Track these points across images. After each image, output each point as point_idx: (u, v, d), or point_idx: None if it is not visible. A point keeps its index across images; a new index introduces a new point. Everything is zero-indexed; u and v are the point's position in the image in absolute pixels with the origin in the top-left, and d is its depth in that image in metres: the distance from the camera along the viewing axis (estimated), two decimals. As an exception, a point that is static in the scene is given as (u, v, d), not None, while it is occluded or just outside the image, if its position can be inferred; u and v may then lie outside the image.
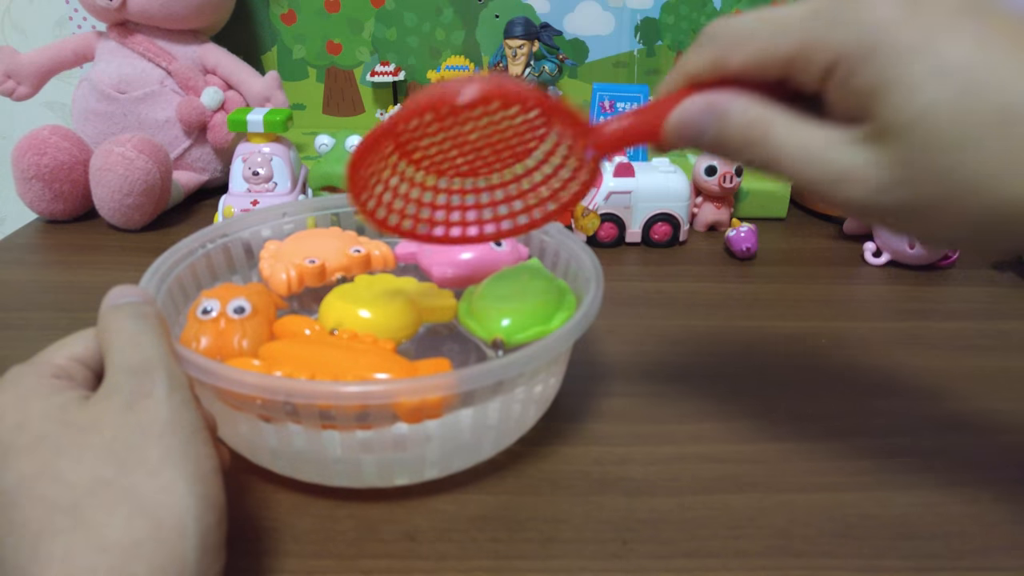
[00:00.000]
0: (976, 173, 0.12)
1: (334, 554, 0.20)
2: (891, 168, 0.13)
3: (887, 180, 0.13)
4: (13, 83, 0.45)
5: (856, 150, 0.13)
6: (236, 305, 0.22)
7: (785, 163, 0.14)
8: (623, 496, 0.22)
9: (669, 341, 0.31)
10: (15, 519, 0.14)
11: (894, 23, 0.12)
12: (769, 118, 0.14)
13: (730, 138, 0.15)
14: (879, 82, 0.13)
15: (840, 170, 0.13)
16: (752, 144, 0.15)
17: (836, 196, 0.14)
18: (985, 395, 0.27)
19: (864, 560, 0.20)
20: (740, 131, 0.15)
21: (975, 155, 0.12)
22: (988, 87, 0.12)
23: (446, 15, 0.52)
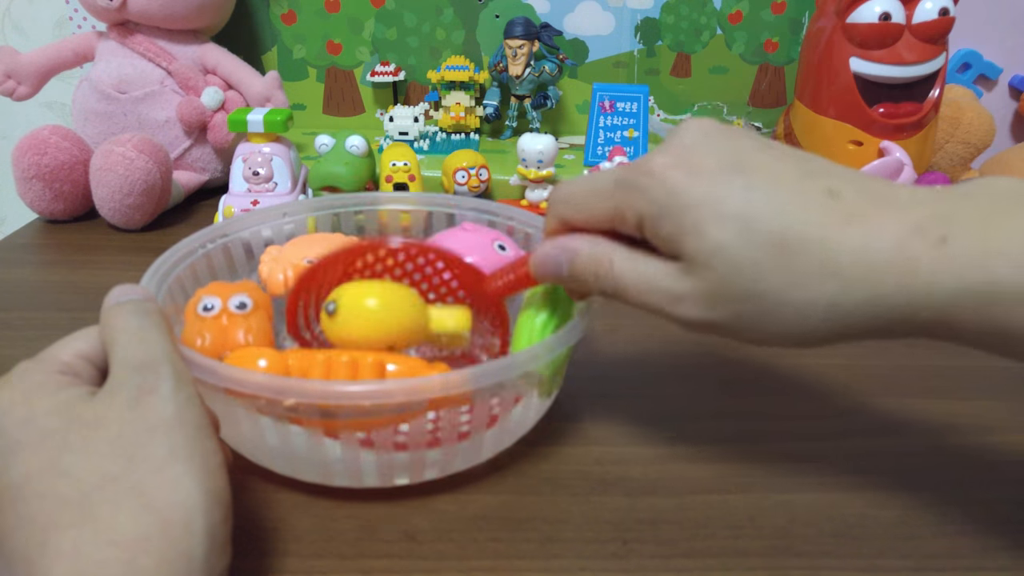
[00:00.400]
0: (773, 289, 0.15)
1: (334, 554, 0.20)
2: (710, 292, 0.16)
3: (706, 299, 0.16)
4: (13, 83, 0.45)
5: (682, 278, 0.17)
6: (238, 301, 0.22)
7: (630, 291, 0.18)
8: (623, 496, 0.22)
9: (669, 341, 0.31)
10: (22, 514, 0.14)
11: (678, 186, 0.16)
12: (610, 253, 0.18)
13: (581, 271, 0.18)
14: (677, 232, 0.16)
15: (673, 295, 0.17)
16: (600, 276, 0.18)
17: (674, 316, 0.17)
18: (985, 395, 0.27)
19: (864, 560, 0.20)
20: (588, 264, 0.18)
21: (766, 276, 0.15)
22: (759, 222, 0.15)
23: (446, 15, 0.52)
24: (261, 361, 0.20)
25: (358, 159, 0.41)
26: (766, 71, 0.55)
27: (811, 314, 0.15)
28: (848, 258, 0.15)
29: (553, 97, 0.51)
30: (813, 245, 0.15)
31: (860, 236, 0.15)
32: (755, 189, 0.15)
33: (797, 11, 0.53)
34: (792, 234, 0.15)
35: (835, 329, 0.15)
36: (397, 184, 0.40)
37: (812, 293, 0.15)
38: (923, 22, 0.40)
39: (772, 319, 0.16)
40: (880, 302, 0.15)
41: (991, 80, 0.54)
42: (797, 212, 0.15)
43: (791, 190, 0.15)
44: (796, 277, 0.15)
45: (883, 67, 0.41)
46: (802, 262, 0.15)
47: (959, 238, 0.14)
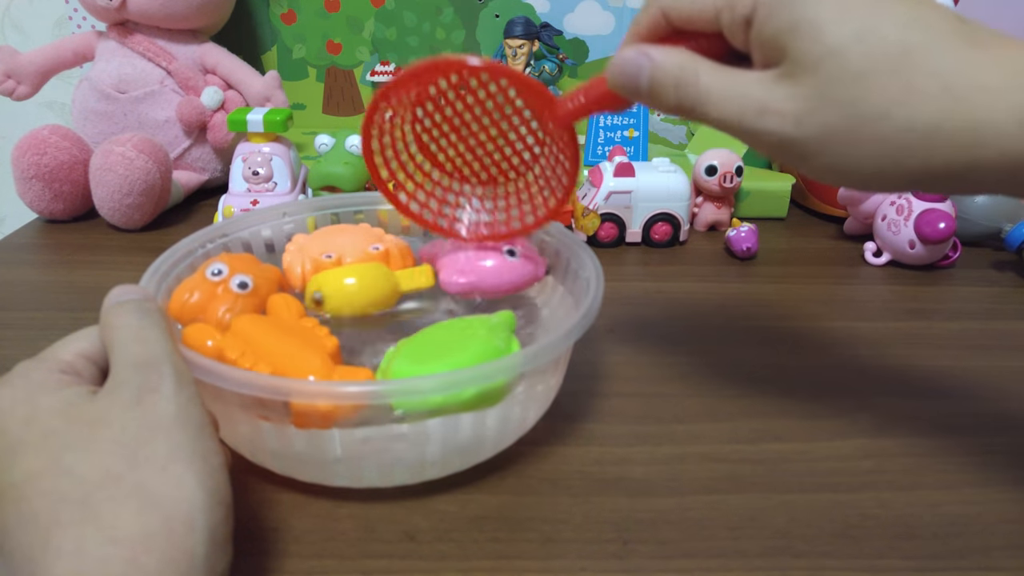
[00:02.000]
0: (877, 104, 0.14)
1: (334, 554, 0.20)
2: (805, 100, 0.15)
3: (802, 110, 0.15)
4: (13, 83, 0.45)
5: (775, 86, 0.15)
6: (240, 280, 0.23)
7: (712, 101, 0.16)
8: (623, 496, 0.22)
9: (669, 341, 0.31)
10: (24, 512, 0.14)
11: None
12: (697, 61, 0.17)
13: (663, 79, 0.17)
14: (789, 26, 0.15)
15: (760, 103, 0.15)
16: (683, 85, 0.16)
17: (758, 129, 0.15)
18: (985, 395, 0.27)
19: (865, 560, 0.20)
20: (672, 73, 0.17)
21: (875, 88, 0.14)
22: (884, 29, 0.14)
23: (446, 15, 0.52)
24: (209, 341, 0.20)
25: (358, 159, 0.41)
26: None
27: (908, 138, 0.14)
28: (965, 80, 0.14)
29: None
30: (933, 61, 0.14)
31: (982, 60, 0.14)
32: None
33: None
34: (914, 46, 0.14)
35: (923, 161, 0.14)
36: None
37: (918, 111, 0.14)
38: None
39: (864, 140, 0.14)
40: (984, 129, 0.14)
41: (992, 80, 0.53)
42: (924, 25, 0.14)
43: (922, 2, 0.14)
44: (906, 92, 0.14)
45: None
46: (917, 77, 0.14)
47: None
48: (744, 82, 0.16)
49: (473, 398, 0.19)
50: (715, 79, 0.16)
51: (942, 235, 0.35)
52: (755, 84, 0.16)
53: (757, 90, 0.15)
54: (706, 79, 0.16)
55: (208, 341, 0.20)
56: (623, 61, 0.17)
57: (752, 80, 0.16)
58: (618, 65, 0.18)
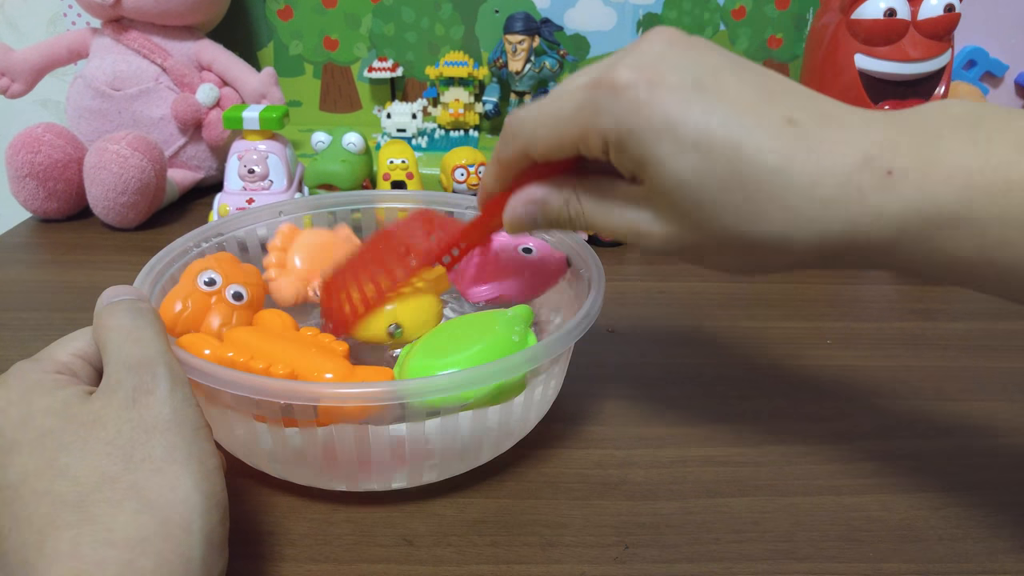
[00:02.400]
0: (728, 224, 0.16)
1: (331, 558, 0.19)
2: (667, 225, 0.17)
3: (668, 233, 0.17)
4: (7, 80, 0.45)
5: (642, 211, 0.17)
6: (235, 291, 0.22)
7: (599, 224, 0.18)
8: (625, 499, 0.22)
9: (671, 342, 0.30)
10: (19, 514, 0.14)
11: (643, 105, 0.15)
12: (577, 196, 0.18)
13: (556, 218, 0.19)
14: (640, 157, 0.16)
15: (634, 228, 0.17)
16: (574, 218, 0.19)
17: (641, 244, 0.17)
18: (991, 397, 0.27)
19: (869, 564, 0.20)
20: (561, 211, 0.19)
21: (722, 211, 0.16)
22: (716, 152, 0.15)
23: (445, 10, 0.52)
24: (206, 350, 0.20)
25: (355, 157, 0.40)
26: (770, 67, 0.54)
27: (765, 245, 0.16)
28: (800, 194, 0.15)
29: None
30: (767, 179, 0.15)
31: (812, 170, 0.15)
32: (714, 113, 0.15)
33: (801, 7, 0.52)
34: (747, 167, 0.15)
35: (788, 260, 0.16)
36: (395, 182, 0.40)
37: (766, 227, 0.15)
38: (928, 18, 0.39)
39: (731, 250, 0.16)
40: (829, 234, 0.15)
41: (997, 77, 0.53)
42: (754, 141, 0.15)
43: (750, 115, 0.15)
44: (752, 212, 0.15)
45: (888, 64, 0.40)
46: (757, 197, 0.15)
47: (906, 167, 0.15)
48: (619, 206, 0.18)
49: (482, 398, 0.19)
50: (595, 208, 0.18)
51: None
52: (628, 208, 0.17)
53: (630, 215, 0.17)
54: (588, 208, 0.18)
55: (205, 350, 0.20)
56: (515, 215, 0.19)
57: (626, 201, 0.17)
58: (511, 218, 0.19)
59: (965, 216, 0.14)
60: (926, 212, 0.15)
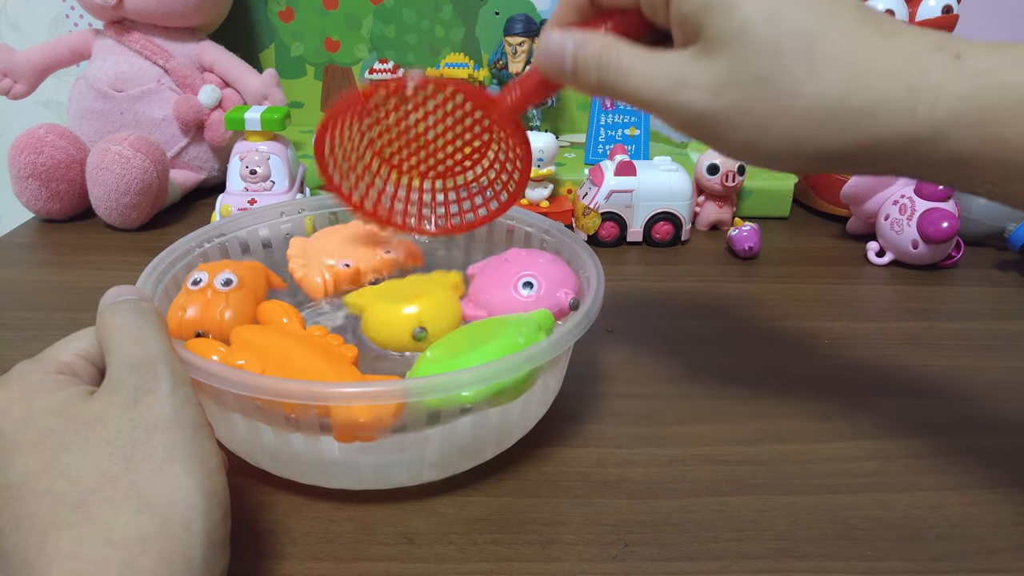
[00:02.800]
0: (784, 80, 0.15)
1: (332, 556, 0.19)
2: (719, 74, 0.16)
3: (717, 83, 0.16)
4: (9, 81, 0.45)
5: (692, 62, 0.16)
6: (224, 278, 0.23)
7: (633, 77, 0.17)
8: (624, 498, 0.22)
9: (670, 341, 0.30)
10: (20, 513, 0.14)
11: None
12: (619, 42, 0.18)
13: (586, 58, 0.18)
14: (704, 4, 0.16)
15: (678, 77, 0.16)
16: (605, 64, 0.17)
17: (676, 102, 0.16)
18: (989, 395, 0.27)
19: (867, 562, 0.20)
20: (594, 52, 0.18)
21: (782, 65, 0.15)
22: (788, 12, 0.15)
23: (445, 12, 0.52)
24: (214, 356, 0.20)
25: (357, 157, 0.41)
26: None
27: (814, 114, 0.15)
28: (869, 61, 0.15)
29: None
30: (838, 42, 0.15)
31: (884, 42, 0.15)
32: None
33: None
34: (818, 28, 0.15)
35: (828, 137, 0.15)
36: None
37: (826, 87, 0.15)
38: (926, 19, 0.40)
39: (774, 115, 0.15)
40: (885, 107, 0.15)
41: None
42: (828, 13, 0.15)
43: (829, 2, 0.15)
44: (810, 72, 0.15)
45: (886, 64, 0.40)
46: (820, 59, 0.15)
47: (973, 55, 0.15)
48: (663, 59, 0.17)
49: (481, 400, 0.19)
50: (635, 57, 0.17)
51: (945, 235, 0.35)
52: (674, 61, 0.17)
53: (675, 66, 0.16)
54: (627, 57, 0.17)
55: (213, 356, 0.20)
56: (548, 44, 0.18)
57: (671, 58, 0.17)
58: (544, 48, 0.18)
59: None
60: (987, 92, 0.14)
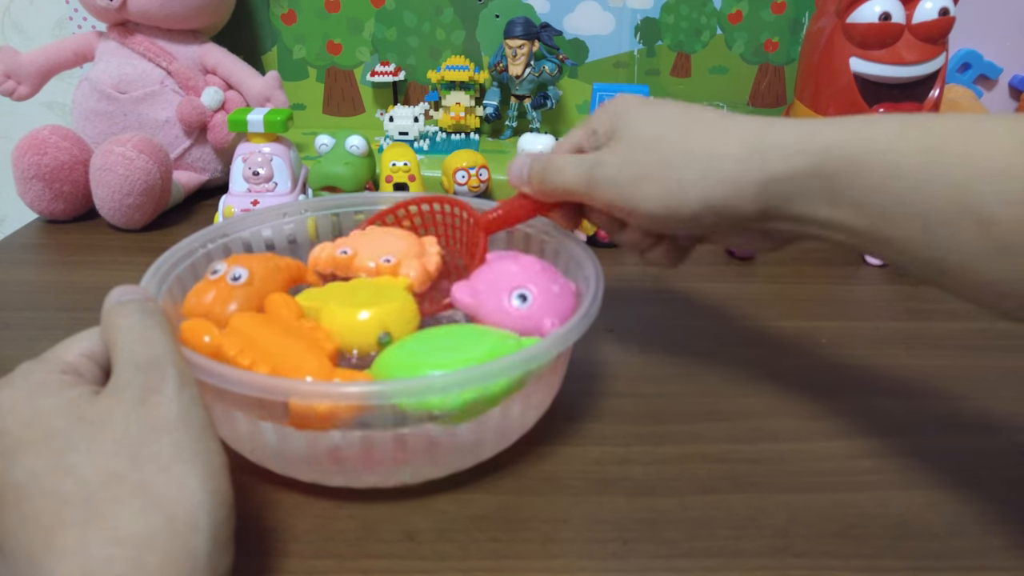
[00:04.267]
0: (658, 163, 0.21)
1: (334, 554, 0.20)
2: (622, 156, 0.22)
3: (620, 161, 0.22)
4: (13, 83, 0.45)
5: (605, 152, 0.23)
6: (235, 273, 0.24)
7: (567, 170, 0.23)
8: (623, 496, 0.22)
9: (669, 341, 0.31)
10: (27, 513, 0.15)
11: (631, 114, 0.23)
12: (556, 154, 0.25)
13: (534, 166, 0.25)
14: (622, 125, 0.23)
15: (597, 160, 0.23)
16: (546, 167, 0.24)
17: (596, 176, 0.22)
18: (985, 395, 0.27)
19: (864, 560, 0.20)
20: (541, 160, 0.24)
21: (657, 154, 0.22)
22: (661, 127, 0.22)
23: (446, 15, 0.52)
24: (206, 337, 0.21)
25: (358, 159, 0.41)
26: (766, 71, 0.55)
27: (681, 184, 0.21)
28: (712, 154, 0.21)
29: (553, 97, 0.51)
30: (690, 144, 0.21)
31: (726, 140, 0.21)
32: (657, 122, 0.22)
33: (797, 11, 0.53)
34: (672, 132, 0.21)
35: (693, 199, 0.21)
36: (397, 184, 0.40)
37: (684, 172, 0.21)
38: (923, 22, 0.40)
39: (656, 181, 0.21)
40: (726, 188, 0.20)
41: (991, 80, 0.54)
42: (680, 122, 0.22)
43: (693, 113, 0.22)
44: (678, 159, 0.21)
45: (883, 67, 0.41)
46: (678, 155, 0.21)
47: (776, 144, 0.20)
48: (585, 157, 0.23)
49: (473, 399, 0.19)
50: (565, 158, 0.24)
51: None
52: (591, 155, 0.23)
53: (594, 156, 0.23)
54: (560, 159, 0.24)
55: (205, 337, 0.20)
56: (513, 163, 0.25)
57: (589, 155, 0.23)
58: (511, 167, 0.26)
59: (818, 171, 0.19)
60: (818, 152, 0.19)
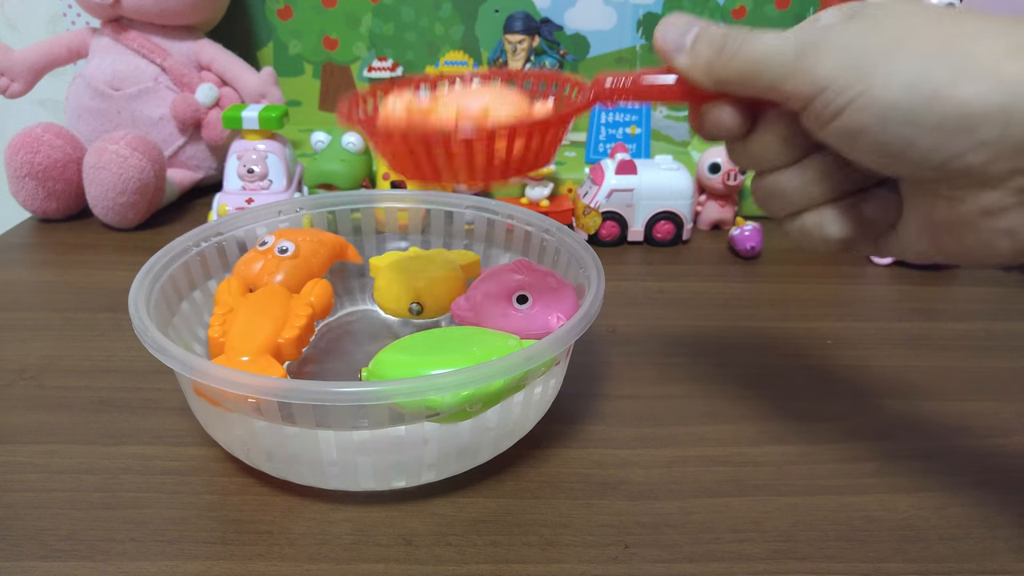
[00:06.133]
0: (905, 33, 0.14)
1: (330, 558, 0.19)
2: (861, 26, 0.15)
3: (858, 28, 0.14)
4: (6, 80, 0.45)
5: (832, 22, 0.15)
6: (281, 245, 0.27)
7: (753, 51, 0.16)
8: (624, 499, 0.21)
9: (671, 342, 0.30)
10: None
11: None
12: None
13: (709, 37, 0.17)
14: None
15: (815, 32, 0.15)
16: (727, 34, 0.16)
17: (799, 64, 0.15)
18: (992, 396, 0.27)
19: (869, 563, 0.19)
20: (716, 32, 0.17)
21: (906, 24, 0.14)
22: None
23: (444, 9, 0.52)
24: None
25: (355, 156, 0.40)
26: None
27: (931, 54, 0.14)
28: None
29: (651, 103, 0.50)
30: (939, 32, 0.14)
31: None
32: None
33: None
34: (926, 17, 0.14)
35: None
36: (394, 182, 0.40)
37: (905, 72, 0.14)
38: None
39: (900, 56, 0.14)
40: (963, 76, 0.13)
41: (995, 76, 0.53)
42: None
43: None
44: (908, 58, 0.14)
45: (887, 62, 0.40)
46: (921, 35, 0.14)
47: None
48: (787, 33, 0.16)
49: (469, 398, 0.19)
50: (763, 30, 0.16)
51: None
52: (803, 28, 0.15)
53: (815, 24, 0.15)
54: (747, 29, 0.16)
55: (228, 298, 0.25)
56: (669, 22, 0.17)
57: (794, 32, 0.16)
58: (666, 26, 0.18)
59: None
60: None
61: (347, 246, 0.29)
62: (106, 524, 0.20)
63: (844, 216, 0.17)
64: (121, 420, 0.24)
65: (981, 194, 0.14)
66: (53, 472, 0.22)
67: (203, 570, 0.19)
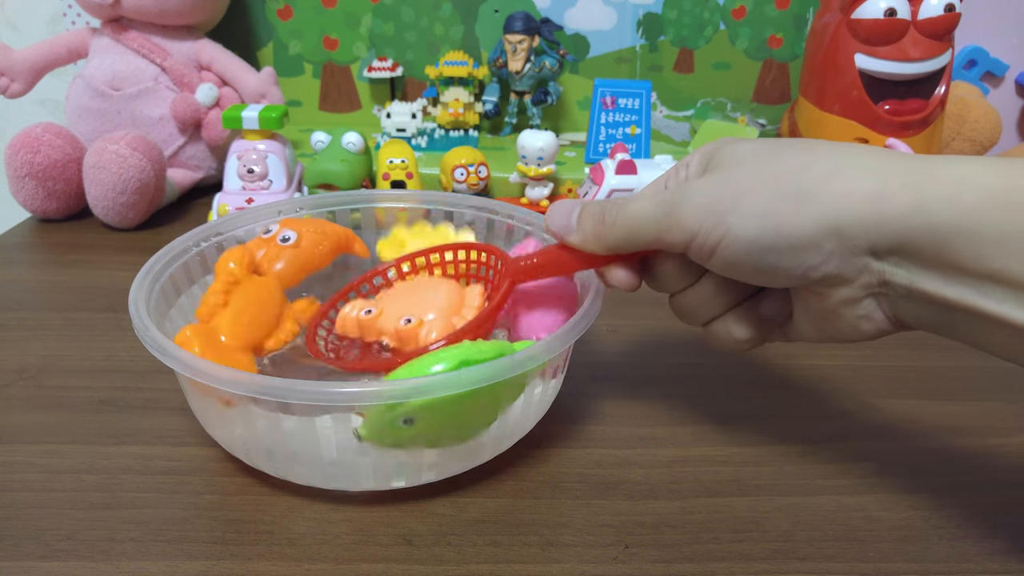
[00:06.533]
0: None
1: (330, 558, 0.19)
2: (718, 178, 0.18)
3: (715, 181, 0.18)
4: (6, 80, 0.45)
5: (695, 178, 0.19)
6: (284, 235, 0.27)
7: (633, 204, 0.19)
8: (625, 499, 0.21)
9: (671, 342, 0.30)
10: None
11: None
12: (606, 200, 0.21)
13: (588, 214, 0.20)
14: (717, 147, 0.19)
15: (682, 190, 0.18)
16: (605, 209, 0.19)
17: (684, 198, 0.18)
18: (991, 396, 0.27)
19: (869, 563, 0.19)
20: (597, 204, 0.20)
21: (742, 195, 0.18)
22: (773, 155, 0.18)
23: (444, 10, 0.52)
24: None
25: (355, 156, 0.40)
26: (770, 67, 0.54)
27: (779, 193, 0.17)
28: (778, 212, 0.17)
29: (554, 93, 0.50)
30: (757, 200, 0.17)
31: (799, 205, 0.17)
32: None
33: (801, 6, 0.52)
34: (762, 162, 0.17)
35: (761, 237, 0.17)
36: (394, 182, 0.40)
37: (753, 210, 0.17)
38: (929, 18, 0.39)
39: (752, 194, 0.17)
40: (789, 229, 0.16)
41: (997, 77, 0.53)
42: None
43: None
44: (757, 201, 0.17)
45: (888, 63, 0.40)
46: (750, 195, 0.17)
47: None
48: (658, 191, 0.19)
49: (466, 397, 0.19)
50: (633, 196, 0.19)
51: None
52: (672, 188, 0.19)
53: (678, 186, 0.19)
54: (620, 199, 0.19)
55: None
56: (555, 209, 0.21)
57: (666, 191, 0.19)
58: (551, 212, 0.21)
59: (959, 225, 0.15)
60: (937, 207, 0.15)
61: (354, 239, 0.29)
62: (106, 524, 0.20)
63: (745, 318, 0.20)
64: (121, 420, 0.24)
65: (840, 290, 0.17)
66: (53, 472, 0.22)
67: (203, 570, 0.19)
